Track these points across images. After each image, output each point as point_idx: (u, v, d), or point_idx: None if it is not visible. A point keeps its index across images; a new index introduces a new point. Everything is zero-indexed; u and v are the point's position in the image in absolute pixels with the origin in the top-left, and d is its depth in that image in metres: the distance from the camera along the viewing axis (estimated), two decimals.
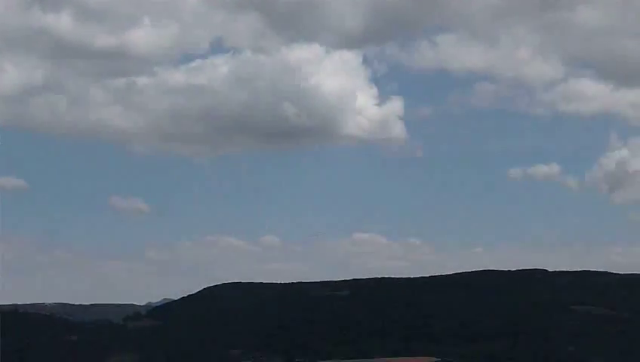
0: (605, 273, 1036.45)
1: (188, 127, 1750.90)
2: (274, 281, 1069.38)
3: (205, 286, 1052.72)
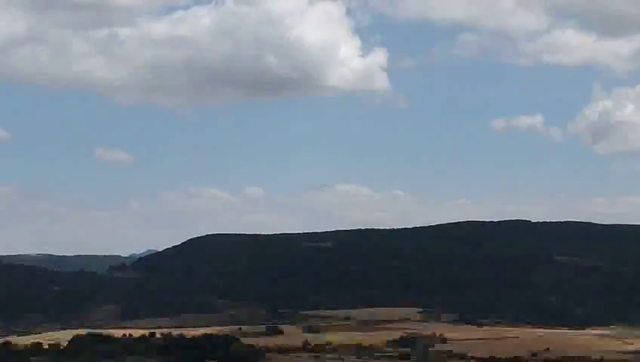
0: (589, 224, 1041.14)
1: (170, 78, 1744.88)
2: (258, 233, 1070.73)
3: (189, 238, 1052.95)
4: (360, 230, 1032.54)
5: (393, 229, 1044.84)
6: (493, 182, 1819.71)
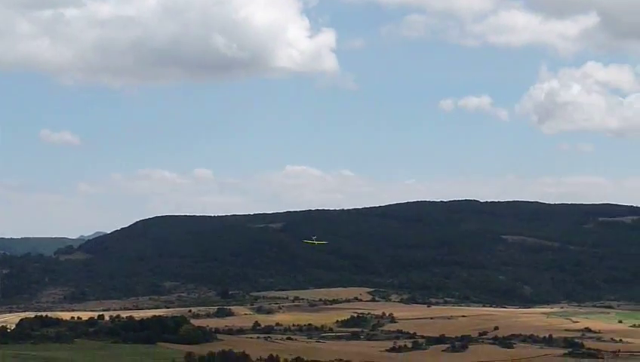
0: (536, 203, 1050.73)
1: (117, 59, 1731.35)
2: (208, 214, 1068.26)
3: (138, 220, 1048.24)
4: (310, 211, 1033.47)
5: (343, 210, 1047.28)
6: (442, 162, 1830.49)
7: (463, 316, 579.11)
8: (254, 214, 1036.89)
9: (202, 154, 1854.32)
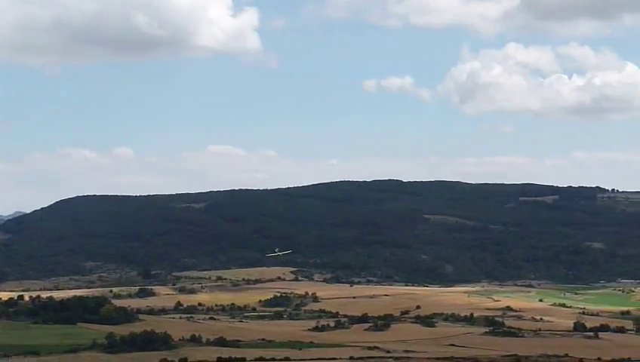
0: (458, 183, 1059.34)
1: (38, 37, 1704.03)
2: (129, 194, 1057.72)
3: (58, 199, 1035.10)
4: (233, 191, 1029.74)
5: (267, 190, 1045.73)
6: (365, 142, 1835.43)
7: (386, 295, 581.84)
8: (177, 194, 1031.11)
9: (123, 134, 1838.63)
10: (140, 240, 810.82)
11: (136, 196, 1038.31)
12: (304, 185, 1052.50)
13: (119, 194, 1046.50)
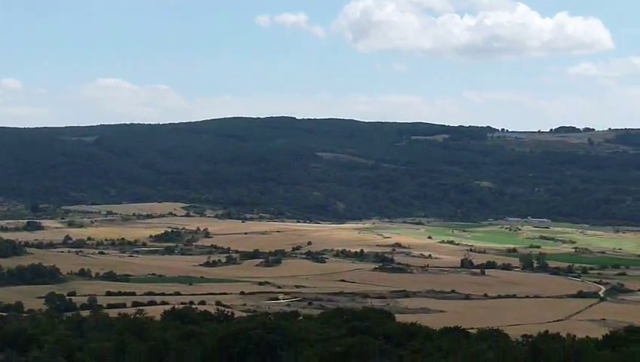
0: (351, 121, 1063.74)
1: None
2: (17, 126, 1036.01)
3: None
4: (124, 125, 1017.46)
5: (158, 124, 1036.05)
6: (259, 78, 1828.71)
7: (278, 231, 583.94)
8: (66, 127, 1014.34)
9: (11, 64, 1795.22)
10: (29, 173, 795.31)
11: (24, 128, 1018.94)
12: (196, 120, 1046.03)
13: (6, 126, 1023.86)
